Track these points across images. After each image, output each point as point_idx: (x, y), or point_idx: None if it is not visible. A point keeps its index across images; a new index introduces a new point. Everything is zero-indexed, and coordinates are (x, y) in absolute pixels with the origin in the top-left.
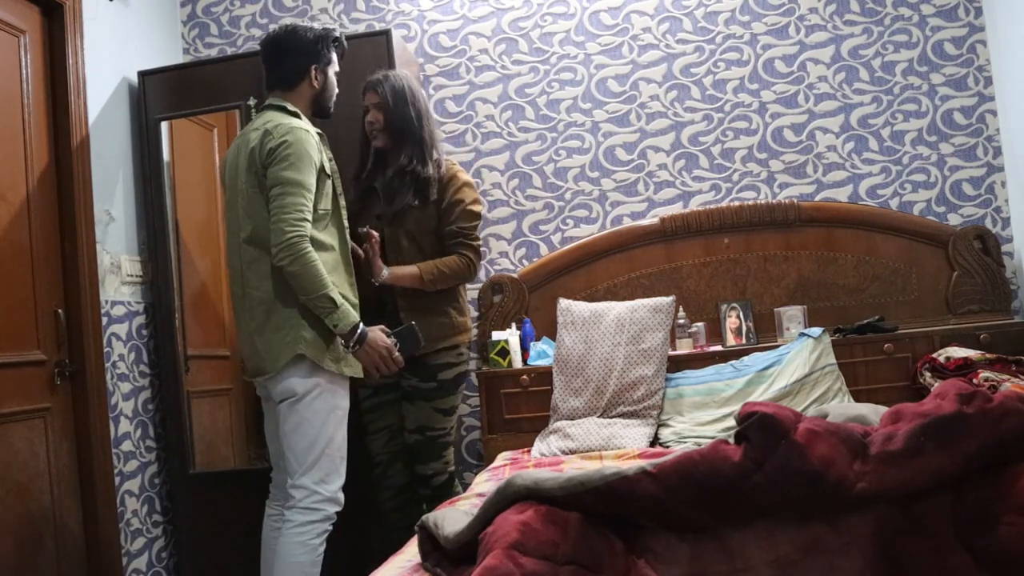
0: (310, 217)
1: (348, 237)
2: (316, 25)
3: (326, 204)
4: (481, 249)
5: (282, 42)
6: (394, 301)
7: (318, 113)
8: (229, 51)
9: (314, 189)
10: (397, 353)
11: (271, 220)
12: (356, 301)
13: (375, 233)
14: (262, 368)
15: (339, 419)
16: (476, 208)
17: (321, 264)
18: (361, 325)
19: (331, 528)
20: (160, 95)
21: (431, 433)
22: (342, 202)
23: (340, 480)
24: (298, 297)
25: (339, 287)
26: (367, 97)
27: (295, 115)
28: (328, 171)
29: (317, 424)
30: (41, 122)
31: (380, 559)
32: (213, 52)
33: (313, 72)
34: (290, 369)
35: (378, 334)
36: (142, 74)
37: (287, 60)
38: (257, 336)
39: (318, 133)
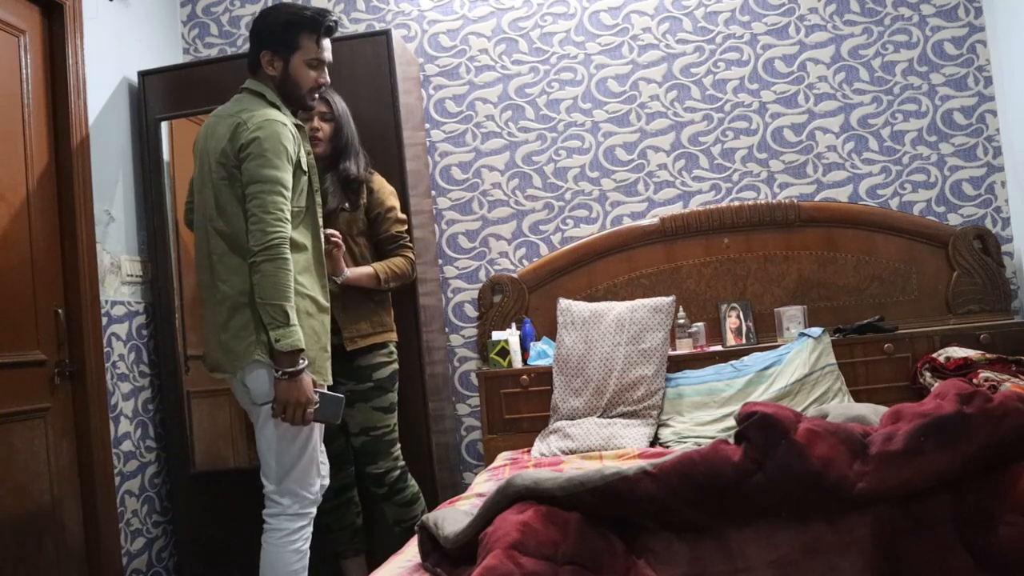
0: (290, 218)
1: (322, 236)
2: (307, 11)
3: (300, 201)
4: (413, 252)
5: (254, 21)
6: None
7: (291, 104)
8: (229, 51)
9: (291, 186)
10: (311, 411)
11: (250, 219)
12: (327, 304)
13: (338, 234)
14: (220, 366)
15: (317, 424)
16: (402, 215)
17: (292, 276)
18: (304, 361)
19: (311, 527)
20: (160, 95)
21: (375, 432)
22: (318, 199)
23: (320, 480)
24: (256, 299)
25: (309, 289)
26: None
27: (273, 104)
28: (304, 166)
29: (300, 428)
30: (41, 122)
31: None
32: (213, 52)
33: (264, 59)
34: (262, 373)
35: (308, 382)
36: (142, 74)
37: (250, 42)
38: (221, 331)
39: (296, 124)
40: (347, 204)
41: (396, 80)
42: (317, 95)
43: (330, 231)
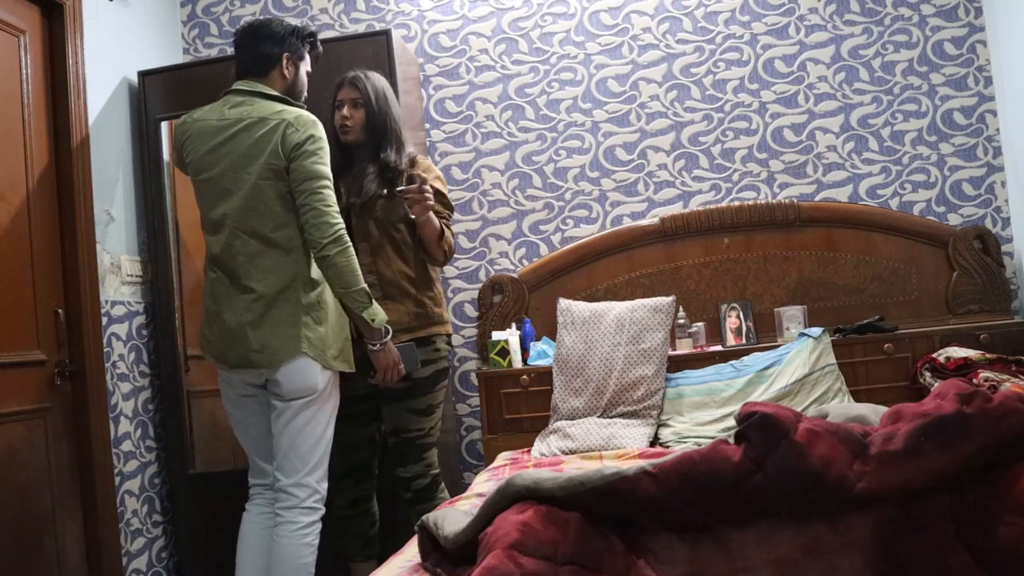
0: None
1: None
2: (305, 26)
3: None
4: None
5: (257, 30)
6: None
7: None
8: (229, 51)
9: None
10: (401, 367)
11: (310, 213)
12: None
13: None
14: (252, 361)
15: (334, 418)
16: (448, 198)
17: (358, 264)
18: (388, 328)
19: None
20: (160, 95)
21: (407, 435)
22: (341, 201)
23: (327, 478)
24: (334, 289)
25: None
26: (343, 92)
27: (297, 105)
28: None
29: (324, 423)
30: (41, 122)
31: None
32: (213, 52)
33: (284, 61)
34: (301, 367)
35: (393, 347)
36: (142, 74)
37: (261, 46)
38: (251, 329)
39: None
40: (385, 191)
41: (396, 80)
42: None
43: (415, 173)
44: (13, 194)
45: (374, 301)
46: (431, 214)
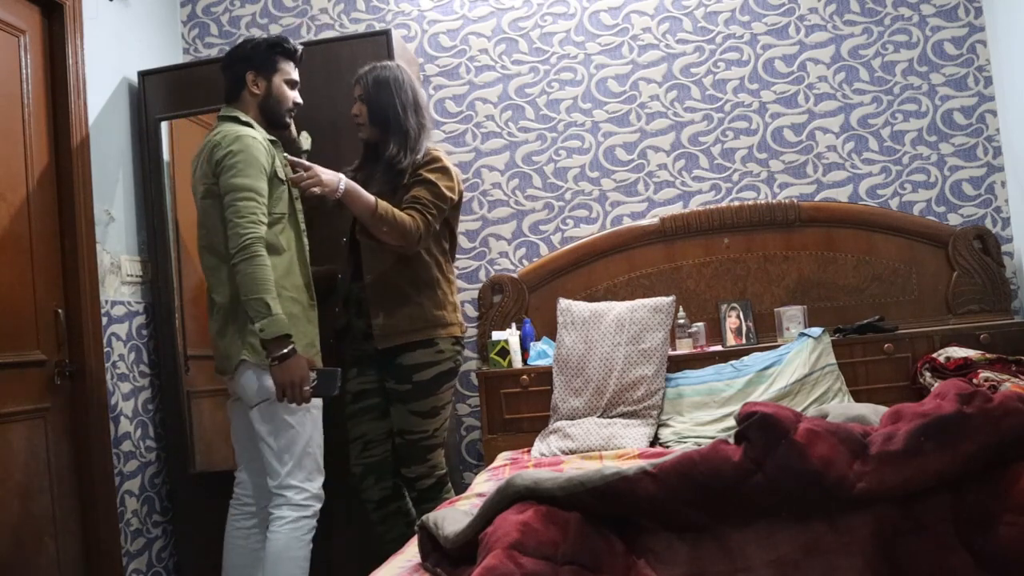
0: (265, 220)
1: (306, 241)
2: (273, 36)
3: (281, 208)
4: (431, 228)
5: (227, 55)
6: (360, 290)
7: (271, 122)
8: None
9: (266, 194)
10: (308, 389)
11: (228, 225)
12: (311, 302)
13: (303, 162)
14: (220, 368)
15: (315, 418)
16: (444, 191)
17: (270, 271)
18: (292, 344)
19: (316, 525)
20: (160, 95)
21: (410, 436)
22: (298, 206)
23: (321, 478)
24: (241, 297)
25: (291, 291)
26: (354, 90)
27: (247, 124)
28: (282, 176)
29: (294, 423)
30: (41, 122)
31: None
32: (213, 52)
33: (250, 78)
34: (248, 374)
35: (302, 362)
36: (142, 74)
37: (228, 71)
38: (218, 338)
39: (271, 140)
40: (387, 189)
41: None
42: (293, 115)
43: (293, 160)
44: (13, 194)
45: (275, 314)
46: (352, 185)
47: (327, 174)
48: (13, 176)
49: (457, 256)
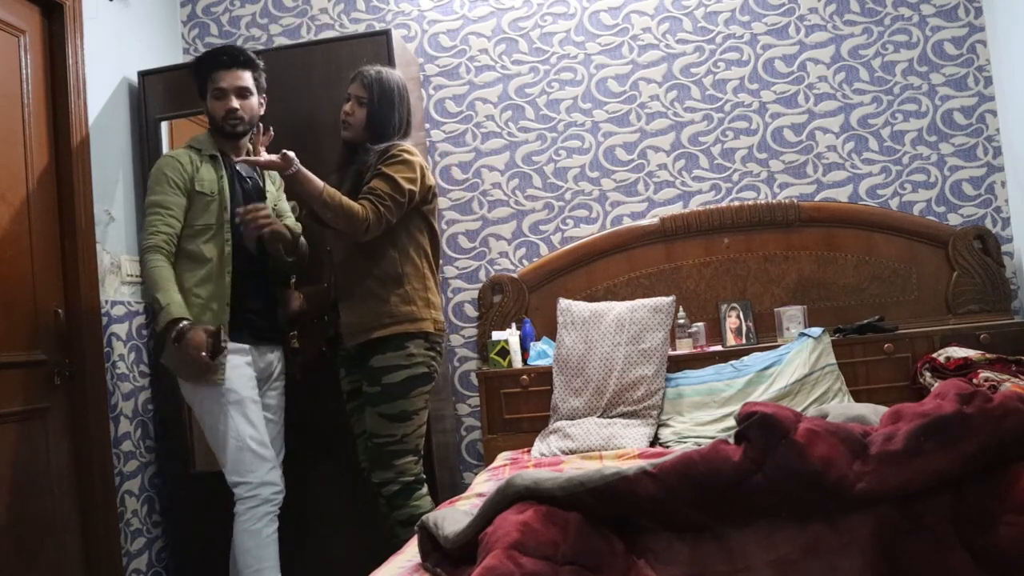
0: (166, 231)
1: (231, 252)
2: (201, 53)
3: (207, 220)
4: (383, 219)
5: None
6: (330, 284)
7: (221, 135)
8: None
9: (175, 206)
10: (205, 353)
11: None
12: (226, 314)
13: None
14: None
15: (237, 410)
16: (402, 183)
17: (162, 272)
18: (183, 323)
19: (276, 509)
20: (160, 95)
21: (377, 440)
22: (226, 216)
23: (266, 464)
24: None
25: (207, 300)
26: (352, 86)
27: (194, 143)
28: (205, 189)
29: (212, 421)
30: (41, 122)
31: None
32: None
33: (204, 102)
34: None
35: (198, 333)
36: (142, 74)
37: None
38: None
39: (211, 156)
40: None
41: None
42: (234, 121)
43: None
44: (13, 194)
45: (166, 306)
46: (302, 170)
47: (286, 154)
48: (13, 176)
49: (457, 256)
